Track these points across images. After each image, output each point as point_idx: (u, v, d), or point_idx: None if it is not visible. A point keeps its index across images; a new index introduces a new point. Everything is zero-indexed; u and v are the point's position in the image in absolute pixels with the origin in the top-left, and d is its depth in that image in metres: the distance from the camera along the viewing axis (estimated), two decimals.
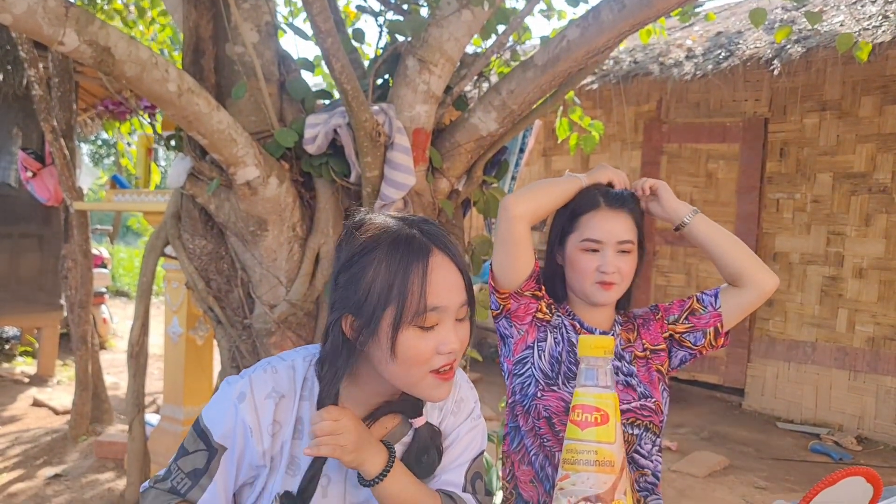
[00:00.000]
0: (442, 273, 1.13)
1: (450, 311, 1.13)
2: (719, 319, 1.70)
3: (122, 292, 13.57)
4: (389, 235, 1.14)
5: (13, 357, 7.40)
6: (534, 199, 1.64)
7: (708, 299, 1.72)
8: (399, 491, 1.18)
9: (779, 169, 6.05)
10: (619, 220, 1.63)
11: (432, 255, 1.13)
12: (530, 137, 3.44)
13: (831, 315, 5.78)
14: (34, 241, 6.96)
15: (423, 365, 1.13)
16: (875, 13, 5.14)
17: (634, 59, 6.38)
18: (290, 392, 1.21)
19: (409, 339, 1.11)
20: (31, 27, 1.79)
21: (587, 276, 1.64)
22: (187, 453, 1.20)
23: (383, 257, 1.12)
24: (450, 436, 1.30)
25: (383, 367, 1.15)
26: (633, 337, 1.74)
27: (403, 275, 1.10)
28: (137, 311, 3.04)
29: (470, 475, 1.29)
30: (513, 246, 1.63)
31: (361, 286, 1.12)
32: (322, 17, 2.12)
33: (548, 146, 7.54)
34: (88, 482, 4.23)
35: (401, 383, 1.16)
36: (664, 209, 1.71)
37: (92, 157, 21.31)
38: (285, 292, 2.60)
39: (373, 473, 1.16)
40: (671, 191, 1.72)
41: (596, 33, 2.25)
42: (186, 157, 2.61)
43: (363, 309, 1.12)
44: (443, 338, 1.13)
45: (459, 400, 1.33)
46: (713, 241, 1.68)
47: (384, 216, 1.21)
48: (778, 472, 4.70)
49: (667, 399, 1.72)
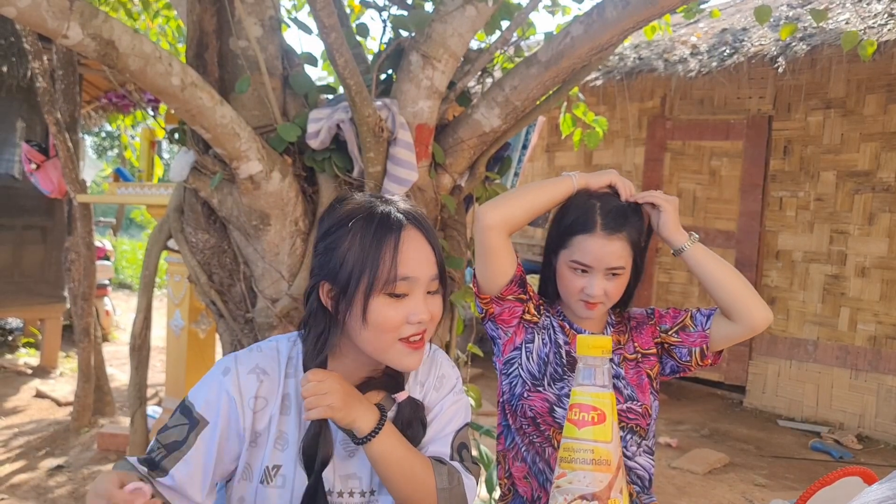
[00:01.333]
0: (413, 245, 1.20)
1: (420, 282, 1.20)
2: (706, 341, 1.68)
3: (125, 284, 13.59)
4: (367, 209, 1.22)
5: (16, 348, 7.42)
6: (509, 208, 1.60)
7: (700, 319, 1.70)
8: (392, 448, 1.21)
9: (782, 167, 6.04)
10: (613, 247, 1.58)
11: (405, 229, 1.20)
12: (533, 133, 3.44)
13: (833, 313, 5.78)
14: (38, 233, 6.97)
15: (392, 332, 1.19)
16: (881, 11, 5.12)
17: (639, 56, 6.37)
18: (274, 370, 1.26)
19: (380, 307, 1.18)
20: (35, 20, 1.80)
21: (572, 293, 1.62)
22: (168, 428, 1.22)
23: (359, 229, 1.19)
24: (434, 409, 1.35)
25: (356, 334, 1.21)
26: (625, 339, 1.73)
27: (377, 245, 1.17)
28: (140, 303, 3.05)
29: (456, 444, 1.33)
30: (487, 255, 1.61)
31: (338, 254, 1.20)
32: (326, 11, 2.12)
33: (551, 142, 7.54)
34: (90, 474, 4.25)
35: (372, 349, 1.22)
36: (664, 231, 1.66)
37: (95, 150, 21.34)
38: (287, 287, 2.60)
39: (365, 430, 1.20)
40: (676, 213, 1.66)
41: (600, 30, 2.25)
42: (189, 150, 2.61)
43: (339, 276, 1.19)
44: (413, 308, 1.19)
45: (441, 376, 1.38)
46: (709, 271, 1.63)
47: (365, 195, 1.28)
48: (778, 469, 4.71)
49: (656, 403, 1.71)
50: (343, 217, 1.22)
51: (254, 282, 2.65)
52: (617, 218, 1.59)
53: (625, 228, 1.59)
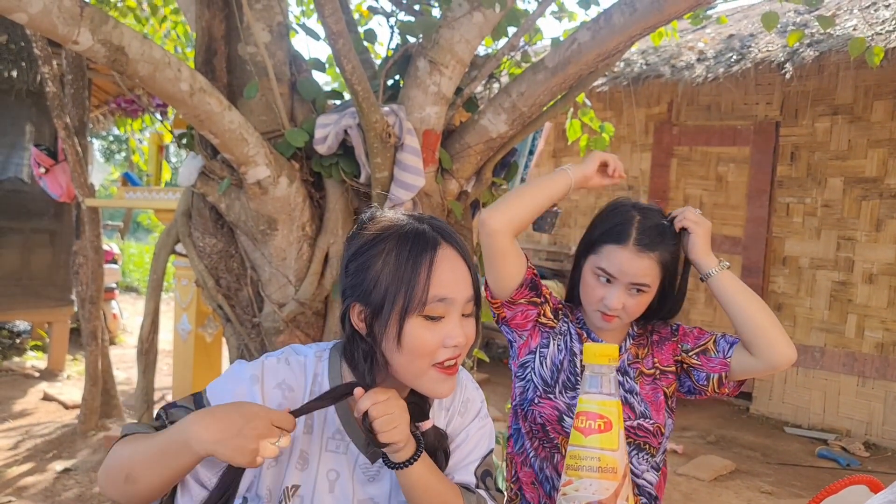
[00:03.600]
0: (449, 265, 1.15)
1: (456, 303, 1.15)
2: (726, 369, 1.63)
3: (132, 288, 13.63)
4: (400, 227, 1.17)
5: (24, 351, 7.45)
6: (509, 209, 1.59)
7: (723, 346, 1.64)
8: (427, 474, 1.18)
9: (789, 173, 6.02)
10: (642, 264, 1.55)
11: (441, 247, 1.15)
12: (540, 139, 3.45)
13: (840, 320, 5.75)
14: (46, 236, 7.00)
15: (427, 357, 1.14)
16: (888, 18, 5.11)
17: (646, 62, 6.37)
18: (300, 388, 1.21)
19: (416, 329, 1.12)
20: (46, 26, 1.81)
21: (592, 301, 1.60)
22: (177, 406, 1.18)
23: (393, 247, 1.14)
24: (458, 436, 1.31)
25: (390, 358, 1.16)
26: (644, 353, 1.69)
27: (412, 265, 1.12)
28: (148, 307, 3.06)
29: (480, 472, 1.30)
30: (495, 259, 1.60)
31: (370, 274, 1.14)
32: (334, 18, 2.13)
33: (558, 147, 7.54)
34: (97, 477, 4.26)
35: (405, 375, 1.17)
36: (692, 254, 1.62)
37: (103, 153, 21.41)
38: (294, 291, 2.61)
39: (405, 456, 1.16)
40: (707, 237, 1.62)
41: (607, 37, 2.25)
42: (198, 155, 2.63)
43: (372, 297, 1.14)
44: (448, 331, 1.14)
45: (466, 400, 1.33)
46: (735, 301, 1.58)
47: (395, 212, 1.23)
48: (785, 477, 4.69)
49: (670, 421, 1.68)
50: (375, 235, 1.17)
51: (261, 286, 2.66)
52: (653, 236, 1.57)
53: (658, 248, 1.56)
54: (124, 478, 1.08)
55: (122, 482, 1.09)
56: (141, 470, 1.07)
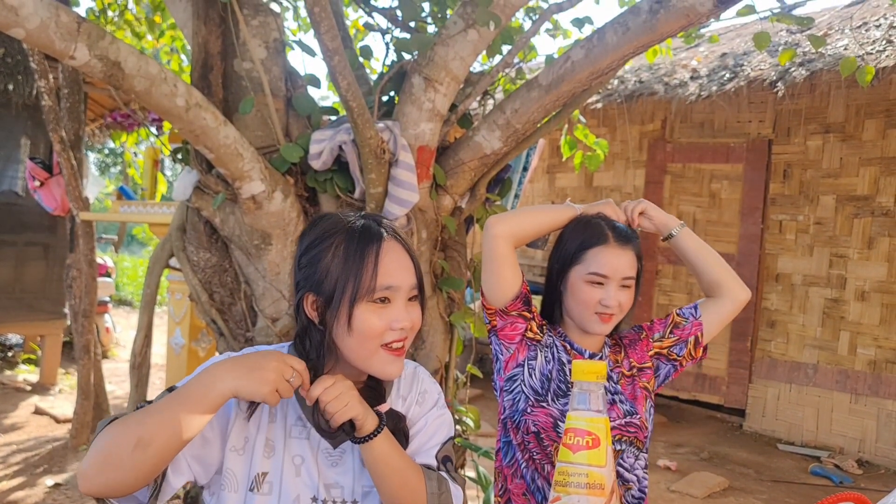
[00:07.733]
0: (394, 256, 1.26)
1: (401, 290, 1.25)
2: (700, 328, 1.79)
3: (126, 301, 13.58)
4: (347, 223, 1.28)
5: (16, 365, 7.42)
6: (516, 221, 1.73)
7: (688, 311, 1.82)
8: (390, 450, 1.24)
9: (782, 190, 6.06)
10: (625, 257, 1.68)
11: (385, 240, 1.26)
12: (534, 156, 3.46)
13: (833, 337, 5.77)
14: (39, 249, 6.99)
15: (376, 338, 1.23)
16: (879, 38, 5.17)
17: (639, 79, 6.42)
18: None
19: (364, 314, 1.22)
20: (43, 42, 1.82)
21: (589, 307, 1.69)
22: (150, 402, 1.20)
23: (342, 241, 1.25)
24: (417, 423, 1.38)
25: (341, 343, 1.25)
26: (621, 357, 1.80)
27: (360, 255, 1.23)
28: (141, 321, 3.06)
29: (440, 457, 1.36)
30: (494, 263, 1.72)
31: (322, 266, 1.24)
32: (329, 35, 2.15)
33: (552, 163, 7.57)
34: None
35: (356, 358, 1.26)
36: (655, 223, 1.80)
37: (98, 166, 21.42)
38: (288, 306, 2.61)
39: (369, 429, 1.22)
40: (657, 206, 1.82)
41: (600, 55, 2.27)
42: (193, 170, 2.64)
43: (323, 286, 1.24)
44: (395, 315, 1.24)
45: (423, 391, 1.41)
46: (697, 253, 1.79)
47: (342, 211, 1.34)
48: (778, 494, 4.69)
49: (651, 415, 1.78)
50: (325, 231, 1.27)
51: (254, 301, 2.66)
52: (625, 231, 1.72)
53: (632, 240, 1.72)
54: (134, 444, 1.08)
55: (129, 451, 1.08)
56: (155, 430, 1.09)
